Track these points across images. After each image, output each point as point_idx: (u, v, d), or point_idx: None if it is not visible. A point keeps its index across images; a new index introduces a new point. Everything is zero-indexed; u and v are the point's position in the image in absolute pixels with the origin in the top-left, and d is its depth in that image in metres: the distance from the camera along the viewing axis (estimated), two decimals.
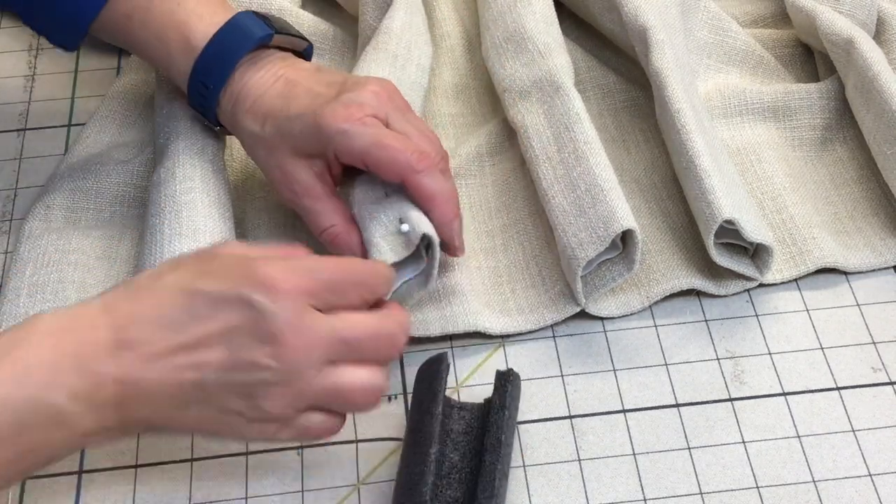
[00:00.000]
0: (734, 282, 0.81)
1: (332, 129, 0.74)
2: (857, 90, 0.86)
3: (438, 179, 0.75)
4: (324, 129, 0.75)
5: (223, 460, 0.73)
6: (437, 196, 0.75)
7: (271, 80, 0.78)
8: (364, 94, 0.76)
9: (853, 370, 0.77)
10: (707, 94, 0.90)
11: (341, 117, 0.74)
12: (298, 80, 0.78)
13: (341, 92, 0.76)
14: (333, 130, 0.74)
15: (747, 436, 0.74)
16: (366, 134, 0.74)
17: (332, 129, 0.74)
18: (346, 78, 0.78)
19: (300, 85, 0.78)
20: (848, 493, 0.71)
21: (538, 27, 0.88)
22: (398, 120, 0.76)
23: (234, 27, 0.79)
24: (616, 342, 0.79)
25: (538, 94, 0.85)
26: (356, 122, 0.74)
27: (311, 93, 0.77)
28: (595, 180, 0.78)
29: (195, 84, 0.80)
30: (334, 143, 0.75)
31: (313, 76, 0.79)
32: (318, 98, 0.76)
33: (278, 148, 0.77)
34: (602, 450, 0.73)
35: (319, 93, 0.77)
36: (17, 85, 0.98)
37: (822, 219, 0.85)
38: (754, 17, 0.99)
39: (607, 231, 0.76)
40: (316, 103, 0.76)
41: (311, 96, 0.77)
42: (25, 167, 0.91)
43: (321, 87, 0.78)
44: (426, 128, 0.79)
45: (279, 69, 0.79)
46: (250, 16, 0.80)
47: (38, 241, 0.83)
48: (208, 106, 0.80)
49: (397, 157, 0.74)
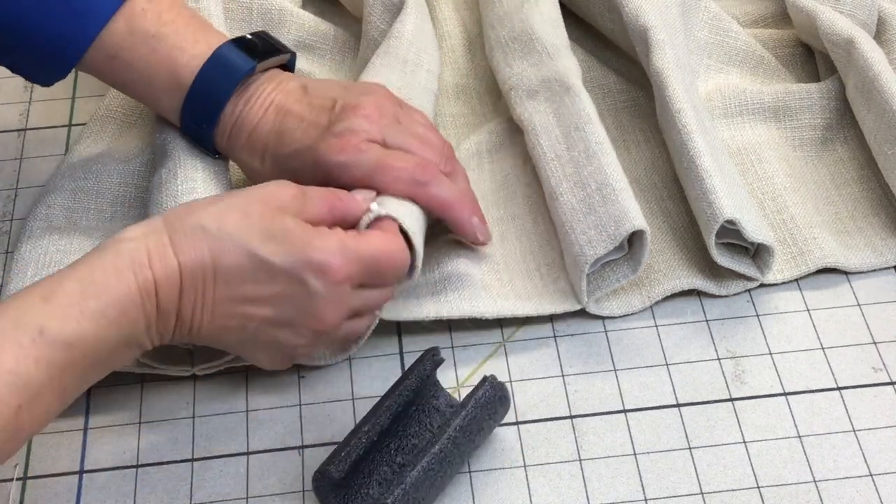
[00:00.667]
0: (735, 282, 0.81)
1: (330, 164, 0.75)
2: (857, 90, 0.86)
3: (446, 186, 0.77)
4: (322, 166, 0.75)
5: (224, 460, 0.73)
6: (450, 202, 0.77)
7: (261, 110, 0.78)
8: (356, 120, 0.76)
9: (854, 370, 0.77)
10: (708, 95, 0.90)
11: (337, 149, 0.75)
12: (288, 107, 0.78)
13: (332, 120, 0.76)
14: (332, 164, 0.75)
15: (748, 436, 0.74)
16: (365, 161, 0.75)
17: (330, 163, 0.75)
18: (335, 98, 0.78)
19: (291, 113, 0.77)
20: (849, 493, 0.71)
21: (545, 28, 0.88)
22: (394, 135, 0.77)
23: (218, 63, 0.78)
24: (617, 342, 0.79)
25: (547, 93, 0.85)
26: (353, 152, 0.75)
27: (304, 122, 0.77)
28: (606, 179, 0.78)
29: (187, 123, 0.80)
30: (334, 175, 0.75)
31: (301, 101, 0.78)
32: (310, 129, 0.76)
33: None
34: (603, 450, 0.73)
35: (311, 122, 0.77)
36: (18, 85, 0.98)
37: (822, 219, 0.85)
38: (755, 17, 0.99)
39: (618, 230, 0.76)
40: (309, 136, 0.76)
41: (302, 129, 0.77)
42: (26, 167, 0.91)
43: (312, 114, 0.77)
44: (424, 126, 0.79)
45: (268, 94, 0.78)
46: (232, 48, 0.79)
47: (39, 241, 0.83)
48: (203, 142, 0.80)
49: (401, 176, 0.75)
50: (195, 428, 0.75)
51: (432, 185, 0.76)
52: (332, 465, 0.68)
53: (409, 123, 0.78)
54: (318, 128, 0.76)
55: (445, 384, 0.75)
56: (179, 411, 0.76)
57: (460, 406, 0.70)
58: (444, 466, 0.68)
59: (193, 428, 0.75)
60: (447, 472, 0.69)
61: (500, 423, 0.73)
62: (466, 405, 0.70)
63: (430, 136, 0.78)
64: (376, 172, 0.75)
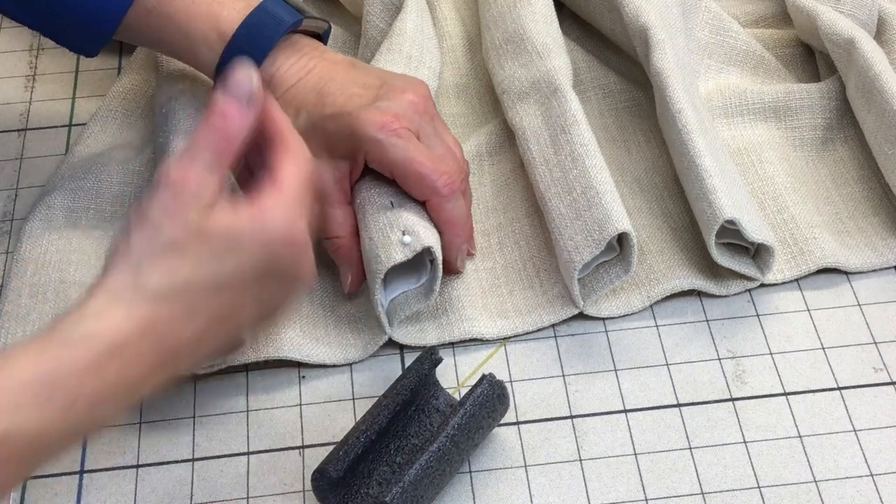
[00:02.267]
0: (735, 282, 0.81)
1: (366, 136, 0.75)
2: (858, 90, 0.86)
3: (458, 205, 0.77)
4: (358, 134, 0.75)
5: (224, 460, 0.73)
6: (455, 222, 0.77)
7: (303, 70, 0.78)
8: (401, 103, 0.76)
9: (854, 370, 0.77)
10: (708, 94, 0.90)
11: (377, 125, 0.75)
12: (333, 75, 0.78)
13: (378, 97, 0.76)
14: (367, 137, 0.75)
15: (748, 436, 0.74)
16: (398, 147, 0.75)
17: (366, 135, 0.75)
18: (383, 80, 0.78)
19: (335, 81, 0.78)
20: (849, 493, 0.71)
21: (537, 27, 0.88)
22: (429, 134, 0.77)
23: (264, 13, 0.78)
24: (617, 342, 0.79)
25: (536, 95, 0.85)
26: (391, 133, 0.75)
27: (347, 92, 0.77)
28: (591, 182, 0.78)
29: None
30: (366, 149, 0.75)
31: (348, 73, 0.78)
32: (353, 99, 0.77)
33: (308, 143, 0.77)
34: (603, 450, 0.73)
35: (355, 93, 0.77)
36: (18, 85, 0.98)
37: (823, 219, 0.85)
38: (755, 17, 0.99)
39: (602, 234, 0.76)
40: (351, 104, 0.76)
41: (346, 96, 0.77)
42: (26, 167, 0.91)
43: (357, 87, 0.77)
44: (452, 139, 0.79)
45: (310, 59, 0.79)
46: (278, 1, 0.79)
47: (39, 240, 0.83)
48: None
49: (425, 179, 0.75)
50: (195, 428, 0.75)
51: (449, 199, 0.76)
52: (330, 464, 0.68)
53: (441, 129, 0.79)
54: (362, 99, 0.76)
55: (445, 384, 0.75)
56: (179, 411, 0.76)
57: (459, 405, 0.70)
58: (443, 465, 0.68)
59: (193, 428, 0.75)
60: (446, 471, 0.69)
61: (499, 421, 0.73)
62: (465, 404, 0.70)
63: (456, 150, 0.79)
64: (404, 164, 0.75)
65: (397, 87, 0.77)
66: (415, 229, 0.74)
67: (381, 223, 0.75)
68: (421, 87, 0.79)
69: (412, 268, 0.77)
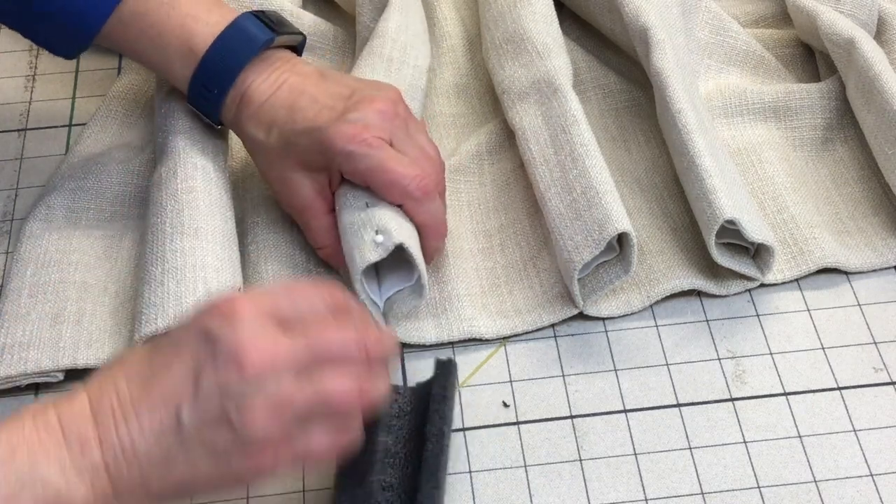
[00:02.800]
0: (735, 282, 0.81)
1: (336, 149, 0.75)
2: (858, 90, 0.86)
3: (433, 207, 0.78)
4: (329, 148, 0.76)
5: None
6: (429, 224, 0.78)
7: (274, 86, 0.79)
8: (370, 113, 0.76)
9: (854, 370, 0.77)
10: (708, 94, 0.90)
11: (347, 137, 0.75)
12: (303, 88, 0.78)
13: (347, 108, 0.77)
14: (338, 150, 0.75)
15: (748, 436, 0.74)
16: (370, 156, 0.75)
17: (336, 148, 0.75)
18: (353, 90, 0.79)
19: (305, 94, 0.78)
20: (849, 493, 0.71)
21: (538, 27, 0.88)
22: (402, 139, 0.77)
23: (237, 31, 0.79)
24: (617, 342, 0.79)
25: (536, 95, 0.85)
26: (361, 144, 0.75)
27: (317, 106, 0.77)
28: (591, 183, 0.78)
29: (196, 88, 0.80)
30: (338, 161, 0.76)
31: (318, 86, 0.79)
32: (323, 113, 0.77)
33: (283, 159, 0.78)
34: (603, 450, 0.73)
35: (325, 105, 0.77)
36: (18, 85, 0.98)
37: (823, 219, 0.85)
38: (755, 17, 0.99)
39: (602, 234, 0.76)
40: (321, 118, 0.76)
41: (315, 110, 0.77)
42: (26, 167, 0.91)
43: (327, 98, 0.78)
44: (425, 139, 0.80)
45: (281, 73, 0.79)
46: (251, 18, 0.80)
47: (39, 241, 0.83)
48: (211, 109, 0.80)
49: (396, 185, 0.76)
50: None
51: (423, 202, 0.77)
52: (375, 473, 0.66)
53: (415, 131, 0.79)
54: (332, 111, 0.77)
55: None
56: None
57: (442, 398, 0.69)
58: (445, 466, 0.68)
59: None
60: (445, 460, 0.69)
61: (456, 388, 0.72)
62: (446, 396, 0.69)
63: (430, 150, 0.79)
64: (378, 172, 0.75)
65: (366, 98, 0.78)
66: (387, 227, 0.74)
67: (356, 224, 0.76)
68: (390, 92, 0.79)
69: (407, 265, 0.77)
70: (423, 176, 0.77)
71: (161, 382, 0.58)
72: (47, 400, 0.59)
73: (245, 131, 0.80)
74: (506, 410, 0.75)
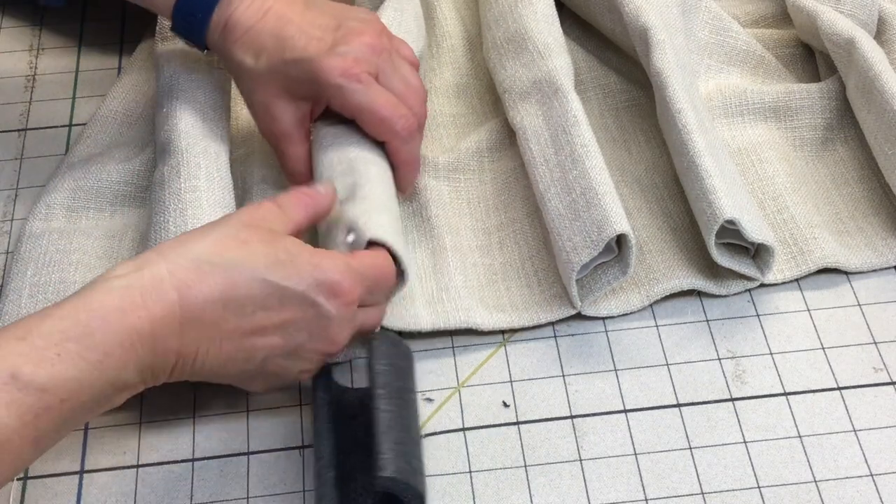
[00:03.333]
0: (735, 282, 0.81)
1: (328, 83, 0.77)
2: (858, 90, 0.86)
3: (415, 146, 0.81)
4: (320, 81, 0.77)
5: (224, 460, 0.73)
6: (409, 162, 0.81)
7: (259, 11, 0.79)
8: (359, 46, 0.78)
9: (854, 370, 0.77)
10: (708, 94, 0.90)
11: (338, 71, 0.77)
12: (290, 17, 0.79)
13: (336, 41, 0.78)
14: (329, 84, 0.77)
15: (748, 436, 0.74)
16: (360, 92, 0.78)
17: (328, 82, 0.77)
18: (339, 21, 0.80)
19: (292, 23, 0.79)
20: (849, 493, 0.71)
21: (539, 27, 0.88)
22: (388, 73, 0.79)
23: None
24: (617, 342, 0.79)
25: (537, 95, 0.85)
26: (352, 79, 0.77)
27: (306, 36, 0.78)
28: (590, 183, 0.78)
29: (181, 13, 0.80)
30: (328, 94, 0.78)
31: (305, 15, 0.80)
32: (313, 43, 0.78)
33: (269, 85, 0.79)
34: (603, 450, 0.73)
35: (314, 36, 0.78)
36: (18, 85, 0.98)
37: (823, 219, 0.85)
38: (755, 17, 0.99)
39: (600, 235, 0.76)
40: (312, 49, 0.78)
41: (305, 40, 0.78)
42: (26, 167, 0.91)
43: (315, 29, 0.79)
44: (409, 71, 0.81)
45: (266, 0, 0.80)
46: None
47: (39, 241, 0.83)
48: (196, 34, 0.81)
49: (385, 122, 0.78)
50: (195, 428, 0.75)
51: (407, 141, 0.79)
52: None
53: (399, 62, 0.81)
54: (321, 42, 0.78)
55: (446, 384, 0.75)
56: (179, 411, 0.76)
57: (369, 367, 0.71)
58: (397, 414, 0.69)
59: (193, 428, 0.75)
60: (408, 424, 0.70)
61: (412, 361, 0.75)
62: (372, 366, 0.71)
63: (413, 80, 0.81)
64: (367, 111, 0.78)
65: (354, 30, 0.79)
66: (356, 225, 0.74)
67: (331, 227, 0.75)
68: (376, 24, 0.81)
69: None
70: (408, 115, 0.79)
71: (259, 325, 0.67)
72: (131, 291, 0.64)
73: (232, 56, 0.80)
74: (506, 410, 0.75)
